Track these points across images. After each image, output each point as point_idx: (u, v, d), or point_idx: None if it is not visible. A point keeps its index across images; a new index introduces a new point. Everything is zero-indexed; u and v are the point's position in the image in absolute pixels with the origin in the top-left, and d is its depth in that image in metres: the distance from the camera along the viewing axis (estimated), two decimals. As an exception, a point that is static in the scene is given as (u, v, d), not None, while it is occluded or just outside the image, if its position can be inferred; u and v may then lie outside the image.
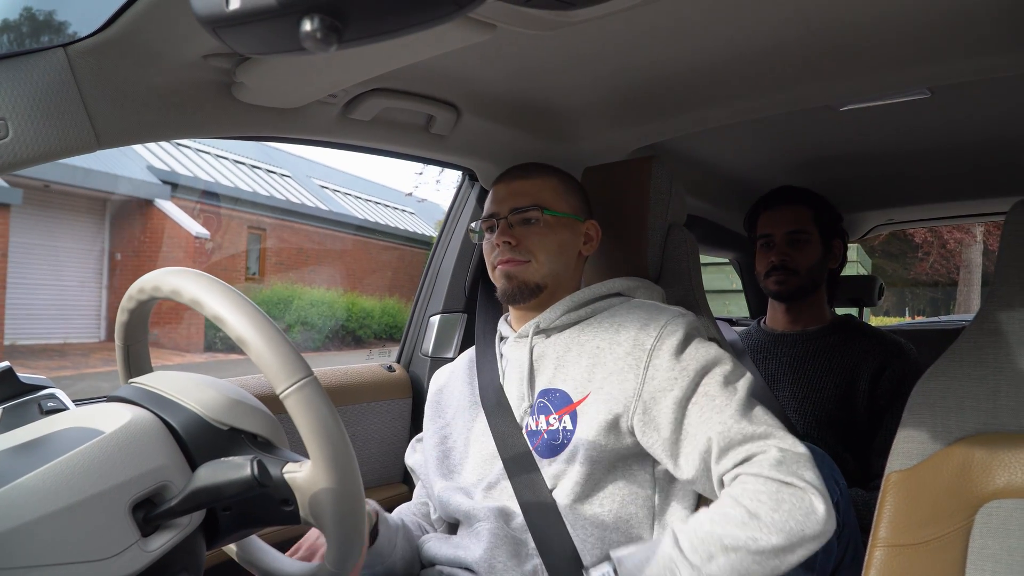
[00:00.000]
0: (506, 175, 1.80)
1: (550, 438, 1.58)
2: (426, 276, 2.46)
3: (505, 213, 1.72)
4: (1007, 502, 1.33)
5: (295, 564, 1.27)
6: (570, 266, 1.76)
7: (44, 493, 0.91)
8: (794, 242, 2.56)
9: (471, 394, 1.78)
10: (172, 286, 1.13)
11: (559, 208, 1.73)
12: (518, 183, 1.75)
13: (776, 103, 1.92)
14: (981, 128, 2.41)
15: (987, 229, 16.15)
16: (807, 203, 2.59)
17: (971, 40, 1.56)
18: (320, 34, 0.59)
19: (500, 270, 1.71)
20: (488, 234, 1.78)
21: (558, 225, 1.72)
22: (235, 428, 1.15)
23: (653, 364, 1.52)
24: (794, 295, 2.58)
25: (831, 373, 2.47)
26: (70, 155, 1.29)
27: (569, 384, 1.60)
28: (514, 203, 1.72)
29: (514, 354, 1.73)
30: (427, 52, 1.38)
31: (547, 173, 1.77)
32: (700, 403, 1.47)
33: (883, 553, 1.41)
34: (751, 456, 1.39)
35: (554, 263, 1.71)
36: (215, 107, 1.49)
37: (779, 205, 2.62)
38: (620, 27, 1.49)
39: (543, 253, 1.70)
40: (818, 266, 2.57)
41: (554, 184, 1.76)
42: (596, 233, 1.82)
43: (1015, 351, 1.40)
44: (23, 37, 1.25)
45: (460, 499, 1.65)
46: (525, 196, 1.72)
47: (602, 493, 1.54)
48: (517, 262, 1.70)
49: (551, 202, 1.73)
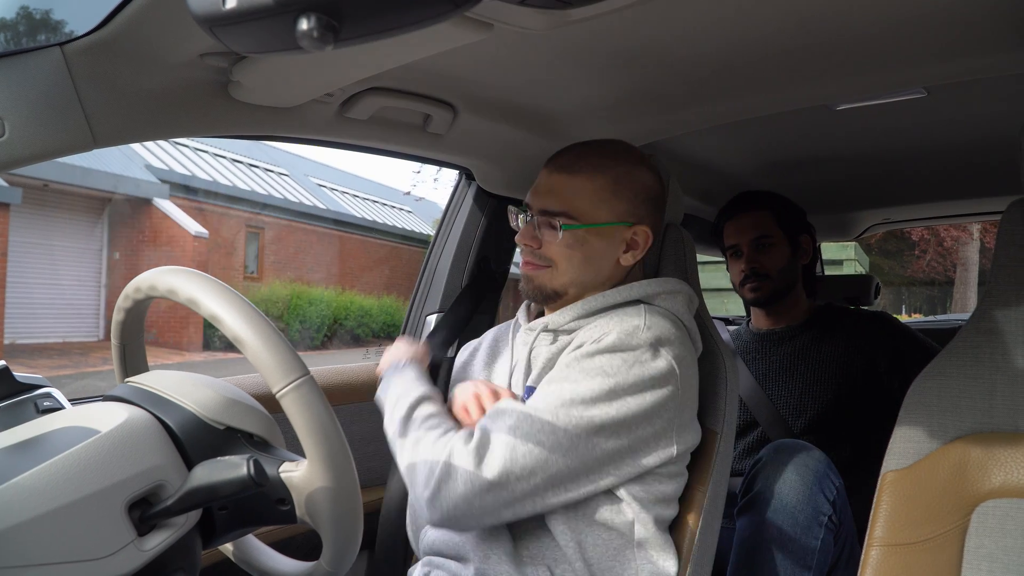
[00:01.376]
0: (556, 159, 1.67)
1: None
2: (423, 275, 2.46)
3: (535, 211, 1.64)
4: (1003, 501, 1.33)
5: (291, 563, 1.27)
6: (603, 273, 1.66)
7: (40, 492, 0.91)
8: (760, 247, 2.58)
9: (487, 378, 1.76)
10: (168, 285, 1.13)
11: (594, 217, 1.61)
12: (559, 178, 1.63)
13: (772, 102, 1.92)
14: (977, 127, 2.42)
15: (984, 227, 16.17)
16: (767, 206, 2.61)
17: (967, 40, 1.57)
18: (317, 33, 0.59)
19: (522, 268, 1.67)
20: (523, 218, 1.68)
21: (589, 235, 1.62)
22: (231, 427, 1.15)
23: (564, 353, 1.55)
24: (771, 299, 2.60)
25: (825, 365, 2.48)
26: (67, 154, 1.28)
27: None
28: (545, 203, 1.62)
29: (520, 345, 1.71)
30: (424, 51, 1.38)
31: (600, 169, 1.63)
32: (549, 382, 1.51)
33: (879, 552, 1.41)
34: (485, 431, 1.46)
35: (577, 273, 1.63)
36: (212, 106, 1.49)
37: (739, 213, 2.63)
38: (617, 26, 1.49)
39: (565, 263, 1.62)
40: (789, 267, 2.59)
41: (599, 186, 1.62)
42: (645, 239, 1.68)
43: (1012, 350, 1.41)
44: (19, 36, 1.25)
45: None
46: (558, 199, 1.61)
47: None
48: (536, 266, 1.64)
49: (586, 210, 1.61)
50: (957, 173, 2.94)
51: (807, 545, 1.87)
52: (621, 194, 1.64)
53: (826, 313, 2.63)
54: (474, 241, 2.36)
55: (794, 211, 2.65)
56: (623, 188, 1.65)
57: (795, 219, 2.64)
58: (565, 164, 1.64)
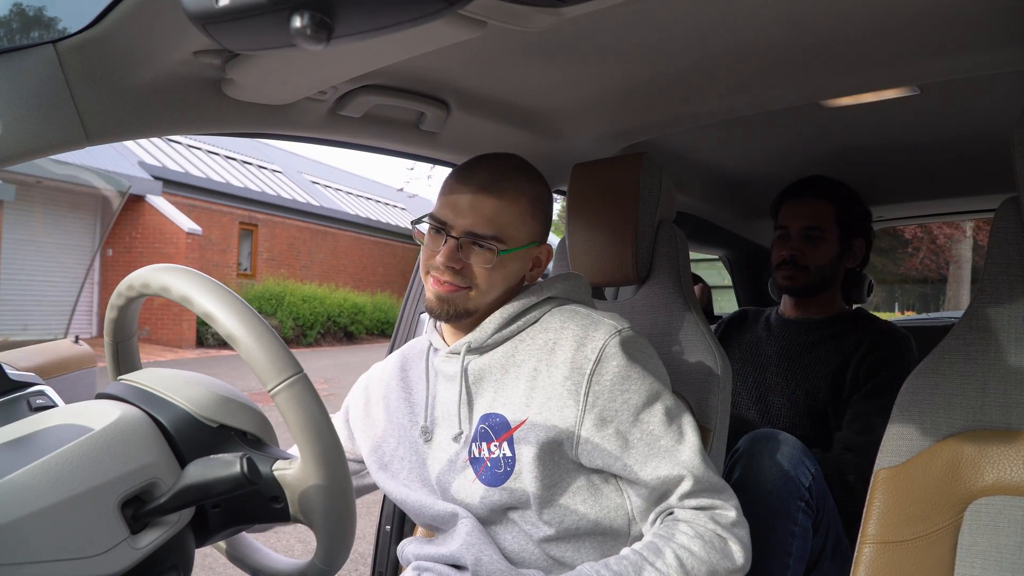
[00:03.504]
0: (475, 178, 1.59)
1: (493, 466, 1.52)
2: (416, 273, 2.46)
3: (459, 232, 1.55)
4: (996, 499, 1.34)
5: (284, 561, 1.27)
6: (510, 291, 1.63)
7: (33, 490, 0.91)
8: (808, 238, 2.48)
9: (408, 410, 1.72)
10: (161, 283, 1.12)
11: (519, 240, 1.58)
12: (484, 199, 1.56)
13: (765, 100, 1.92)
14: (970, 125, 2.42)
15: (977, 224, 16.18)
16: (830, 198, 2.49)
17: (961, 37, 1.57)
18: (310, 30, 0.59)
19: (435, 288, 1.57)
20: (434, 234, 1.61)
21: (512, 258, 1.58)
22: (224, 425, 1.15)
23: (593, 391, 1.48)
24: (802, 292, 2.52)
25: (821, 363, 2.43)
26: (60, 151, 1.28)
27: (508, 408, 1.53)
28: (472, 225, 1.54)
29: (447, 371, 1.63)
30: (417, 49, 1.38)
31: (519, 193, 1.59)
32: (646, 439, 1.48)
33: (872, 550, 1.41)
34: (712, 507, 1.48)
35: (494, 293, 1.59)
36: (205, 104, 1.49)
37: (800, 198, 2.53)
38: (610, 24, 1.49)
39: (486, 284, 1.56)
40: (831, 264, 2.49)
41: (523, 207, 1.59)
42: (547, 258, 1.68)
43: (1004, 348, 1.41)
44: (13, 33, 1.25)
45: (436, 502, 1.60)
46: (487, 222, 1.55)
47: (559, 511, 1.50)
48: (456, 288, 1.56)
49: (513, 233, 1.57)
50: (950, 171, 2.94)
51: (785, 531, 1.86)
52: (536, 215, 1.63)
53: (851, 317, 2.53)
54: (468, 238, 2.35)
55: (858, 211, 2.54)
56: (538, 209, 1.63)
57: (856, 219, 2.53)
58: (488, 184, 1.57)
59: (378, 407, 1.78)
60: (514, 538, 1.53)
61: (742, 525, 1.49)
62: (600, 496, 1.51)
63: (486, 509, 1.52)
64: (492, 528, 1.55)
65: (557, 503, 1.49)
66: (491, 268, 1.55)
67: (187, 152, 19.76)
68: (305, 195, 22.94)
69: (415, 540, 1.68)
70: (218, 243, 18.77)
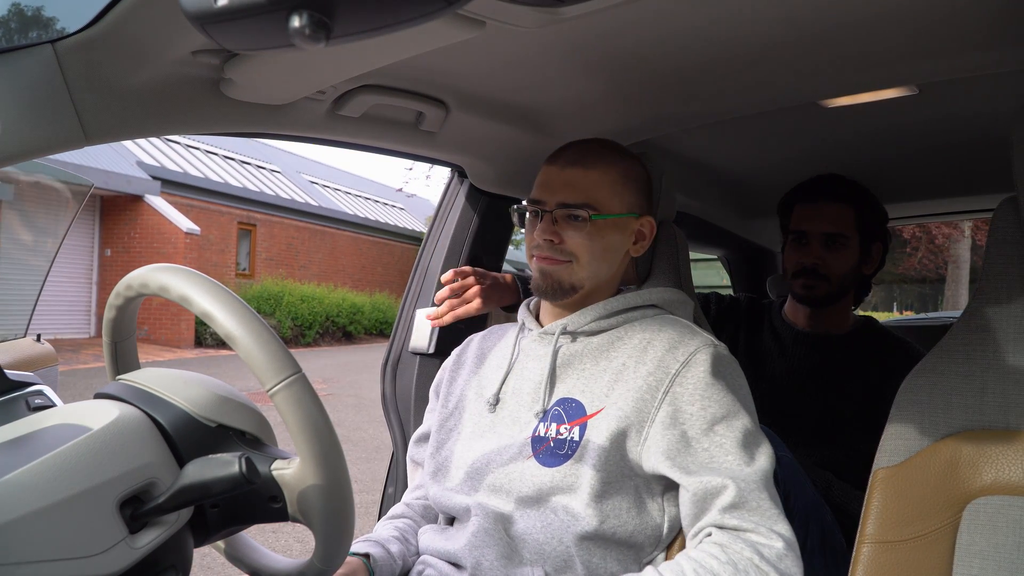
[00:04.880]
0: (563, 156, 1.64)
1: (556, 447, 1.51)
2: (415, 273, 2.45)
3: (552, 206, 1.60)
4: (994, 498, 1.34)
5: (283, 561, 1.27)
6: (614, 266, 1.66)
7: (31, 490, 0.90)
8: (831, 245, 2.33)
9: (477, 382, 1.73)
10: (160, 283, 1.12)
11: (613, 208, 1.61)
12: (573, 172, 1.60)
13: (764, 100, 1.92)
14: (969, 125, 2.42)
15: (976, 224, 16.20)
16: (850, 201, 2.35)
17: (960, 37, 1.57)
18: (308, 30, 0.59)
19: (538, 265, 1.62)
20: (531, 217, 1.64)
21: (608, 227, 1.60)
22: (223, 425, 1.15)
23: (674, 391, 1.47)
24: (822, 302, 2.38)
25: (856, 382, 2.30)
26: (58, 151, 1.28)
27: (587, 396, 1.54)
28: (564, 196, 1.59)
29: (535, 351, 1.66)
30: (416, 48, 1.38)
31: (609, 163, 1.62)
32: (712, 451, 1.43)
33: (870, 549, 1.41)
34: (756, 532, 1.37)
35: (597, 266, 1.61)
36: (203, 103, 1.49)
37: (819, 200, 2.37)
38: (609, 24, 1.49)
39: (587, 255, 1.59)
40: (851, 273, 2.37)
41: (614, 178, 1.62)
42: (651, 230, 1.70)
43: (1002, 348, 1.41)
44: (11, 33, 1.25)
45: (453, 496, 1.61)
46: (577, 191, 1.59)
47: (605, 508, 1.47)
48: (557, 261, 1.59)
49: (605, 201, 1.60)
50: (949, 171, 2.94)
51: None
52: (630, 186, 1.65)
53: (865, 331, 2.42)
54: (466, 238, 2.35)
55: (877, 214, 2.41)
56: (631, 180, 1.65)
57: (875, 223, 2.40)
58: (576, 159, 1.62)
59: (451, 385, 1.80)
60: (546, 526, 1.49)
61: (791, 561, 1.35)
62: (643, 510, 1.50)
63: (533, 488, 1.51)
64: (527, 512, 1.51)
65: (607, 500, 1.47)
66: (588, 237, 1.58)
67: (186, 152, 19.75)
68: (304, 195, 22.94)
69: (430, 529, 1.68)
70: (216, 243, 18.77)
